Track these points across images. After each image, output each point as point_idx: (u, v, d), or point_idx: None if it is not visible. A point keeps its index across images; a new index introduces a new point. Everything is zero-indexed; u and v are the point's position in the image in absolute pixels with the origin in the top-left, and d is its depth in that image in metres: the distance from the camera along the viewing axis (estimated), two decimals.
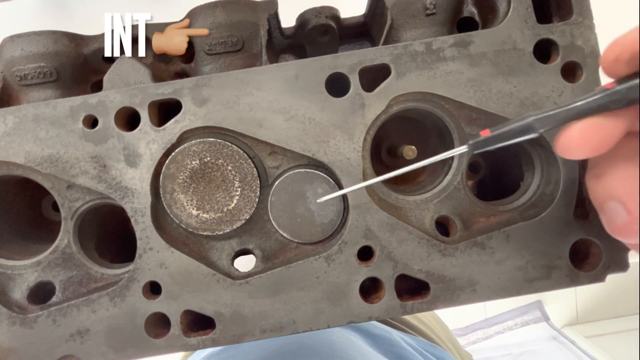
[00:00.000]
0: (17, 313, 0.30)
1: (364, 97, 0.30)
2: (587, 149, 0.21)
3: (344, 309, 0.30)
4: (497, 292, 0.30)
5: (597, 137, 0.20)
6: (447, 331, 0.73)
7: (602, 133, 0.20)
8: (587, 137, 0.20)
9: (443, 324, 0.74)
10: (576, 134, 0.21)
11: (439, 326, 0.70)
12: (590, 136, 0.20)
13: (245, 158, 0.30)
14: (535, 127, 0.22)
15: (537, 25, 0.30)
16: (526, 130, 0.22)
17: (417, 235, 0.30)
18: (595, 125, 0.20)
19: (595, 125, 0.20)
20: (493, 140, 0.23)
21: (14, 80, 0.33)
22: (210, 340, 0.30)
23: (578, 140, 0.21)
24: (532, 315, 1.54)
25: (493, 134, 0.23)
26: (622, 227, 0.21)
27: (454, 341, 0.71)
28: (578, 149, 0.21)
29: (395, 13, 0.33)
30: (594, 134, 0.20)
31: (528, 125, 0.22)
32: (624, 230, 0.21)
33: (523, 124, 0.22)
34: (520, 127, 0.22)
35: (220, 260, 0.32)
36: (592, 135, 0.20)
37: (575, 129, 0.21)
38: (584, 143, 0.20)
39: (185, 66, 0.36)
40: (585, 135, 0.20)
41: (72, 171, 0.30)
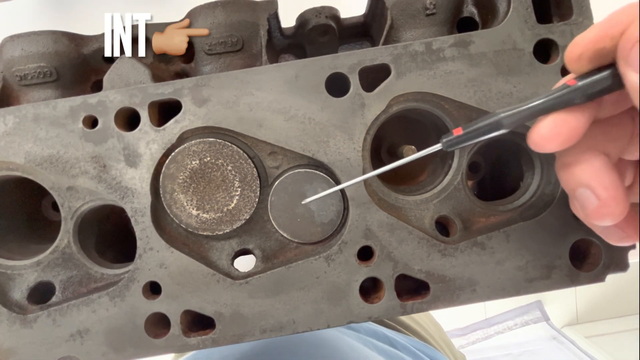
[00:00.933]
0: (17, 313, 0.30)
1: (364, 97, 0.30)
2: (556, 143, 0.22)
3: (343, 309, 0.30)
4: (497, 292, 0.30)
5: (564, 132, 0.21)
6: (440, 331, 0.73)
7: (569, 127, 0.21)
8: (555, 132, 0.22)
9: (437, 324, 0.74)
10: (545, 130, 0.22)
11: (433, 326, 0.71)
12: (558, 131, 0.21)
13: (245, 158, 0.30)
14: (504, 123, 0.23)
15: (537, 25, 0.30)
16: (496, 127, 0.23)
17: (417, 235, 0.30)
18: (561, 120, 0.21)
19: (562, 121, 0.21)
20: (465, 137, 0.24)
21: (14, 80, 0.33)
22: (210, 340, 0.30)
23: (547, 135, 0.22)
24: (532, 315, 1.54)
25: (465, 131, 0.24)
26: (593, 212, 0.22)
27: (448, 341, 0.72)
28: (548, 143, 0.22)
29: (395, 13, 0.33)
30: (561, 128, 0.21)
31: (497, 122, 0.23)
32: (595, 214, 0.22)
33: (492, 121, 0.23)
34: (490, 125, 0.23)
35: (220, 260, 0.32)
36: (559, 130, 0.21)
37: (543, 125, 0.22)
38: (553, 138, 0.22)
39: (185, 66, 0.36)
40: (553, 131, 0.22)
41: (72, 171, 0.30)
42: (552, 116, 0.22)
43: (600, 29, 0.20)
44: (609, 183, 0.22)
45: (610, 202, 0.21)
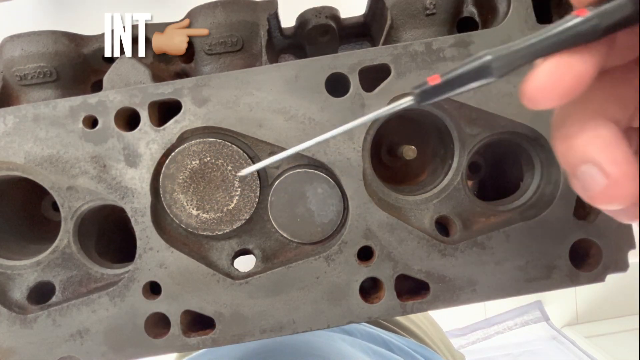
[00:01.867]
0: (17, 313, 0.30)
1: (364, 97, 0.30)
2: (558, 95, 0.17)
3: (343, 309, 0.30)
4: (497, 292, 0.30)
5: (568, 79, 0.17)
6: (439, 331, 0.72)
7: (574, 73, 0.17)
8: (557, 79, 0.17)
9: (435, 324, 0.74)
10: (545, 76, 0.17)
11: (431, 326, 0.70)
12: (561, 78, 0.17)
13: (245, 158, 0.30)
14: (493, 68, 0.18)
15: (537, 26, 0.30)
16: (482, 72, 0.18)
17: (417, 235, 0.30)
18: (566, 63, 0.17)
19: (567, 64, 0.17)
20: (444, 88, 0.19)
21: (14, 80, 0.33)
22: (210, 340, 0.30)
23: (547, 83, 0.17)
24: (532, 315, 1.54)
25: (444, 79, 0.19)
26: (601, 193, 0.17)
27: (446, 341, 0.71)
28: (548, 95, 0.17)
29: (395, 13, 0.33)
30: (565, 74, 0.17)
31: (484, 65, 0.18)
32: (603, 196, 0.18)
33: (478, 65, 0.18)
34: (476, 69, 0.18)
35: (220, 260, 0.32)
36: (563, 76, 0.17)
37: (543, 70, 0.17)
38: (553, 88, 0.17)
39: (185, 66, 0.36)
40: (555, 77, 0.17)
41: (72, 171, 0.30)
42: (553, 58, 0.17)
43: None
44: (621, 157, 0.17)
45: (622, 182, 0.17)
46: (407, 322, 0.64)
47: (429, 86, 0.19)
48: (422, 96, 0.20)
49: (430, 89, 0.19)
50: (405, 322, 0.64)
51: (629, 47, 0.18)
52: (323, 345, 0.45)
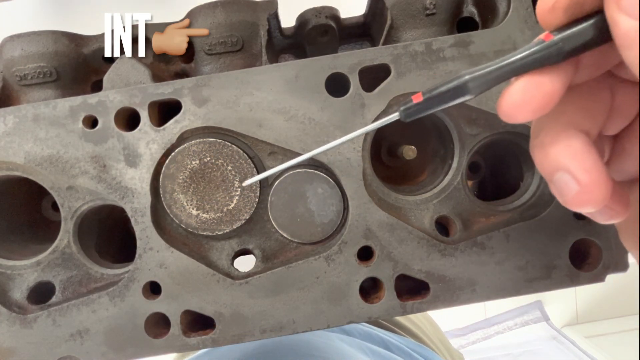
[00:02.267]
0: (17, 313, 0.30)
1: (364, 97, 0.30)
2: (528, 111, 0.19)
3: (343, 309, 0.30)
4: (497, 292, 0.30)
5: (538, 97, 0.19)
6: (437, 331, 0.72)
7: (543, 91, 0.18)
8: (528, 97, 0.19)
9: (434, 324, 0.74)
10: (516, 95, 0.19)
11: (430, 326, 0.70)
12: (531, 96, 0.19)
13: (245, 158, 0.30)
14: (470, 87, 0.20)
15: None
16: (460, 91, 0.20)
17: (417, 235, 0.30)
18: (535, 83, 0.19)
19: (536, 84, 0.19)
20: (426, 105, 0.21)
21: (14, 80, 0.33)
22: (210, 340, 0.30)
23: (518, 102, 0.19)
24: (532, 315, 1.54)
25: (425, 97, 0.21)
26: (574, 198, 0.19)
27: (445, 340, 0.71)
28: (520, 112, 0.19)
29: (395, 13, 0.33)
30: (534, 92, 0.19)
31: (462, 85, 0.20)
32: (576, 201, 0.19)
33: (456, 85, 0.20)
34: (454, 89, 0.20)
35: (220, 260, 0.32)
36: (533, 94, 0.19)
37: (515, 89, 0.19)
38: (525, 104, 0.19)
39: (185, 66, 0.36)
40: (526, 96, 0.19)
41: (72, 171, 0.30)
42: (524, 78, 0.19)
43: None
44: (591, 165, 0.19)
45: (593, 187, 0.19)
46: (405, 322, 0.64)
47: (413, 104, 0.22)
48: (407, 113, 0.22)
49: (414, 106, 0.22)
50: (404, 321, 0.64)
51: (593, 65, 0.20)
52: (322, 345, 0.45)
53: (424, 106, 0.21)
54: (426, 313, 0.75)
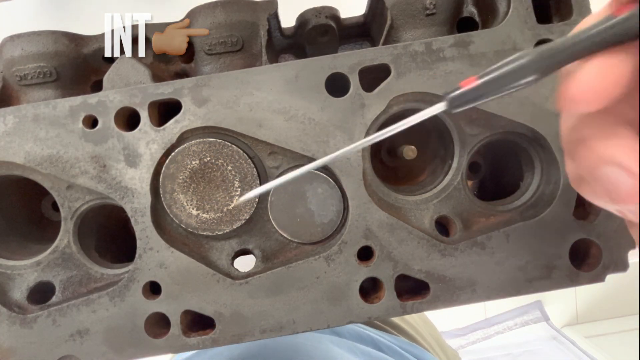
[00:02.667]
0: (17, 313, 0.30)
1: (364, 97, 0.30)
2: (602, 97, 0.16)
3: (343, 309, 0.30)
4: (497, 292, 0.30)
5: (612, 81, 0.16)
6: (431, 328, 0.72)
7: (617, 74, 0.16)
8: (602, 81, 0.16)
9: (428, 322, 0.73)
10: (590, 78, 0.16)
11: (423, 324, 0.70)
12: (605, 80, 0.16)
13: (245, 158, 0.30)
14: (534, 68, 0.17)
15: (537, 26, 0.30)
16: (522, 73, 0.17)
17: (417, 235, 0.30)
18: (609, 65, 0.16)
19: (610, 65, 0.16)
20: (479, 91, 0.18)
21: (14, 80, 0.33)
22: (210, 340, 0.30)
23: (592, 86, 0.16)
24: (532, 315, 1.54)
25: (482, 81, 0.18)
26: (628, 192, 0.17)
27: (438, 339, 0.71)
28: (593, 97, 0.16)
29: (395, 13, 0.33)
30: (609, 76, 0.16)
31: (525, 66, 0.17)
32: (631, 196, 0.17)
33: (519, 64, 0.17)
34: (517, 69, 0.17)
35: (220, 260, 0.32)
36: (607, 78, 0.16)
37: (588, 72, 0.16)
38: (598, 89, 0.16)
39: (185, 66, 0.36)
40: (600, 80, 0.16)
41: (72, 171, 0.30)
42: (597, 60, 0.16)
43: None
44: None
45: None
46: (398, 321, 0.64)
47: (464, 90, 0.18)
48: (455, 102, 0.18)
49: (466, 93, 0.18)
50: (397, 320, 0.64)
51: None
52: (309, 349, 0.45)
53: (476, 93, 0.18)
54: None
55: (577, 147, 0.19)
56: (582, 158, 0.18)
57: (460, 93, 0.18)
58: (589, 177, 0.19)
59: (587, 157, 0.18)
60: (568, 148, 0.19)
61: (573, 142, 0.19)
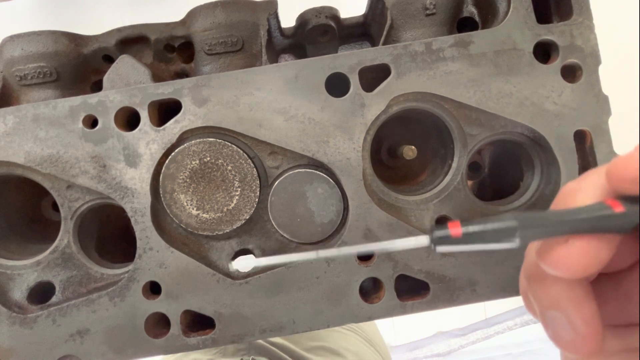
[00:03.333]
0: (17, 313, 0.30)
1: (364, 97, 0.30)
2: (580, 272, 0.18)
3: (343, 309, 0.30)
4: (497, 292, 0.30)
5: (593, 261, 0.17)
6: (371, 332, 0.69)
7: (600, 257, 0.17)
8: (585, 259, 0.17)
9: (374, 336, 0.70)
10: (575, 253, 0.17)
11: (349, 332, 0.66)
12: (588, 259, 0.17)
13: (245, 158, 0.30)
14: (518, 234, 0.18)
15: (537, 26, 0.30)
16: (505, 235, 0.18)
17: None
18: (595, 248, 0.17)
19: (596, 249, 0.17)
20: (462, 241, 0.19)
21: (14, 80, 0.33)
22: (210, 340, 0.30)
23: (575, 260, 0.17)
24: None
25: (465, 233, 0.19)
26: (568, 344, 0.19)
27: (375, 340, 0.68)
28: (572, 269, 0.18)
29: (395, 13, 0.33)
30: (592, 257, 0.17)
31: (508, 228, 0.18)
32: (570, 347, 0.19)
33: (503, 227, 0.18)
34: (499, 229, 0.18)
35: (220, 260, 0.32)
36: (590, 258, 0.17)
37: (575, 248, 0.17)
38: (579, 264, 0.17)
39: (185, 66, 0.36)
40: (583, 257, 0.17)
41: (72, 171, 0.30)
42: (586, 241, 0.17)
43: None
44: (590, 315, 0.18)
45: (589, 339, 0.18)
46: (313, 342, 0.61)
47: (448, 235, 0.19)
48: (439, 241, 0.19)
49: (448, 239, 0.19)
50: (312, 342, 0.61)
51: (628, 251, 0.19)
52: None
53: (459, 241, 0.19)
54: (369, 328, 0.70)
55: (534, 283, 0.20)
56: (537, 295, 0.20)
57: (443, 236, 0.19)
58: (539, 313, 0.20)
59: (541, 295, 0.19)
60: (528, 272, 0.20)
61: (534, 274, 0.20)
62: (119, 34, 0.35)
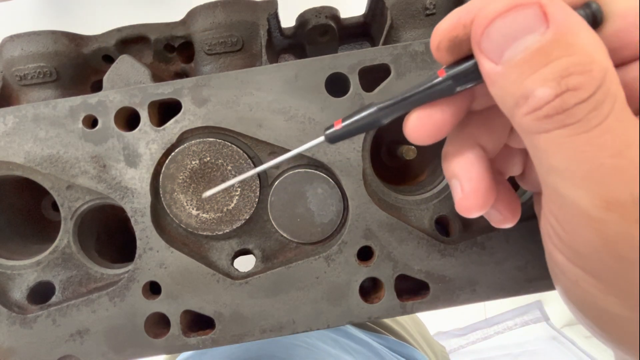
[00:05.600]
0: (17, 313, 0.30)
1: (364, 97, 0.30)
2: (423, 138, 0.22)
3: (343, 309, 0.30)
4: (497, 292, 0.30)
5: (429, 126, 0.21)
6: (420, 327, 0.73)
7: (433, 122, 0.21)
8: (420, 126, 0.21)
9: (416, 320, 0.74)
10: (412, 123, 0.22)
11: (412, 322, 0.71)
12: (422, 125, 0.21)
13: (245, 158, 0.30)
14: (380, 116, 0.22)
15: None
16: (373, 119, 0.22)
17: (417, 235, 0.30)
18: (425, 115, 0.21)
19: (426, 116, 0.21)
20: (346, 130, 0.23)
21: (14, 80, 0.33)
22: (210, 340, 0.30)
23: (414, 128, 0.21)
24: (532, 315, 1.54)
25: (343, 124, 0.23)
26: (457, 203, 0.22)
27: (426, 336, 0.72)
28: (416, 136, 0.22)
29: (395, 13, 0.33)
30: (425, 123, 0.21)
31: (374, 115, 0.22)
32: (459, 206, 0.22)
33: (368, 113, 0.22)
34: (368, 118, 0.23)
35: (220, 260, 0.32)
36: (424, 124, 0.21)
37: (410, 119, 0.22)
38: (418, 133, 0.21)
39: (185, 66, 0.36)
40: (418, 125, 0.21)
41: (72, 171, 0.30)
42: (416, 111, 0.21)
43: (455, 15, 0.19)
44: (476, 175, 0.22)
45: (471, 196, 0.22)
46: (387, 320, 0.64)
47: (334, 129, 0.23)
48: (330, 136, 0.24)
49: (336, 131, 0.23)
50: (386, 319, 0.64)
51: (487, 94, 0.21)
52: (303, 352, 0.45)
53: (344, 131, 0.23)
54: None
55: (442, 161, 0.24)
56: (444, 170, 0.24)
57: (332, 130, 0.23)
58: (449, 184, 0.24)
59: (445, 169, 0.23)
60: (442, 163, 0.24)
61: (442, 157, 0.24)
62: (119, 34, 0.35)
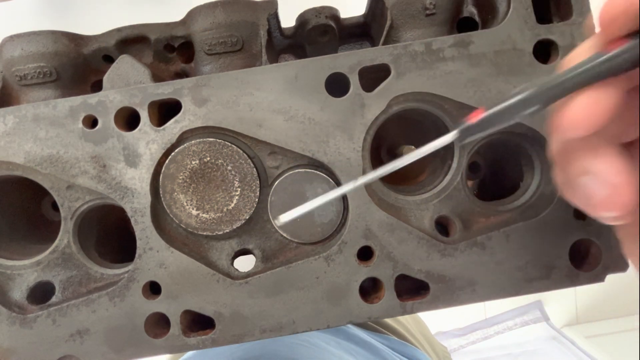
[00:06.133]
0: (17, 313, 0.30)
1: (364, 97, 0.30)
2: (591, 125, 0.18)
3: (343, 309, 0.30)
4: (497, 292, 0.30)
5: (599, 112, 0.18)
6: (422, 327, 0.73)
7: (602, 106, 0.18)
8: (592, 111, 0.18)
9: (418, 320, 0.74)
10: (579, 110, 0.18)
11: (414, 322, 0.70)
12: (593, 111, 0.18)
13: (245, 158, 0.30)
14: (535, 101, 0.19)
15: (537, 26, 0.30)
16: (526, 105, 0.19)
17: (417, 235, 0.30)
18: (597, 98, 0.18)
19: (598, 98, 0.18)
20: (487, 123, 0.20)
21: (14, 80, 0.33)
22: (210, 340, 0.30)
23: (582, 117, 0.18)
24: (532, 315, 1.54)
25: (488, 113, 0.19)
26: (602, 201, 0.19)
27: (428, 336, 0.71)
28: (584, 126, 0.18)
29: (395, 13, 0.33)
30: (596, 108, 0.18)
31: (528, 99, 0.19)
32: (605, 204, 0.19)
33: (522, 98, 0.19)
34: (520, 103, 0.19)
35: (220, 260, 0.32)
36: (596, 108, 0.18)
37: (579, 104, 0.18)
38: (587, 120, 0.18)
39: (185, 66, 0.36)
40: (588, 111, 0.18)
41: (72, 171, 0.30)
42: (587, 93, 0.18)
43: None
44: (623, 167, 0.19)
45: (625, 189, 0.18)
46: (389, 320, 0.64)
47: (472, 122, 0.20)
48: (465, 133, 0.20)
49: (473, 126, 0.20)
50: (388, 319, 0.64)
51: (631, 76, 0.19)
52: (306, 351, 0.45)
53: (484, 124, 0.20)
54: None
55: (564, 159, 0.21)
56: (568, 168, 0.20)
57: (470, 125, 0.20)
58: (569, 185, 0.21)
59: (571, 167, 0.20)
60: (557, 159, 0.21)
61: (562, 155, 0.21)
62: (119, 34, 0.35)
